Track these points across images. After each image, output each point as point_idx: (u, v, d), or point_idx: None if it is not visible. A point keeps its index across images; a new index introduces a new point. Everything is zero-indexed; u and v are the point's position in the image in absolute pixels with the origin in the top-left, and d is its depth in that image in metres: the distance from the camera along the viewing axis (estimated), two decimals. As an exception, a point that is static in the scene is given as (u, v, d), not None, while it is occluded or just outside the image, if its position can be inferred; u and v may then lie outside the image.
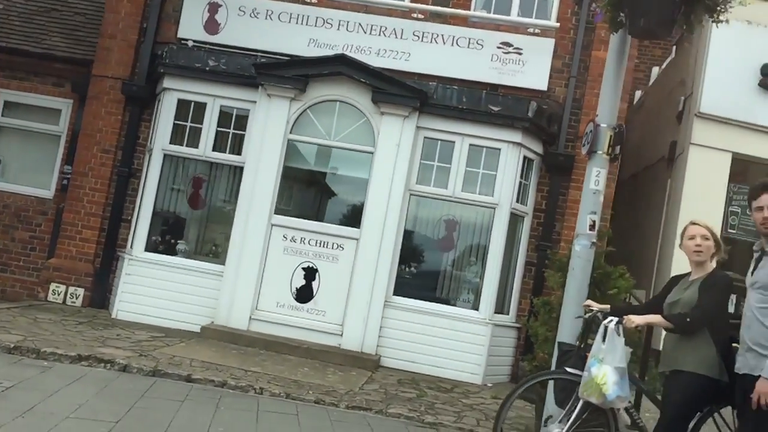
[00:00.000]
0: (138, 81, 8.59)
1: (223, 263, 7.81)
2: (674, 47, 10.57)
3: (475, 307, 7.73)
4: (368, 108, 7.78)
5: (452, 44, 8.35)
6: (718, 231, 8.74)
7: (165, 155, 8.16)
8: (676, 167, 8.92)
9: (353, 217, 7.90)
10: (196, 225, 8.42)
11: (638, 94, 12.92)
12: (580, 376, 3.83)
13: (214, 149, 8.07)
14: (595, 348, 3.77)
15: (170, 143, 8.13)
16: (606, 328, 3.76)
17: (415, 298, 7.76)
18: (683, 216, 8.44)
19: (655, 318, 3.79)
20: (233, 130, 8.08)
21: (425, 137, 7.86)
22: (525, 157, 7.93)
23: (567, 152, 8.13)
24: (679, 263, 8.40)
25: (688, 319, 3.70)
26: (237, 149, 8.04)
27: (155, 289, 7.81)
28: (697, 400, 3.65)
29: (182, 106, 8.16)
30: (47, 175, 9.07)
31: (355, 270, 7.62)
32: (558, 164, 8.12)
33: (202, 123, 8.07)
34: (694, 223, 3.97)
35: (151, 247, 8.10)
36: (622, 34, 5.26)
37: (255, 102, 7.91)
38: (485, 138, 7.79)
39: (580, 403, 3.80)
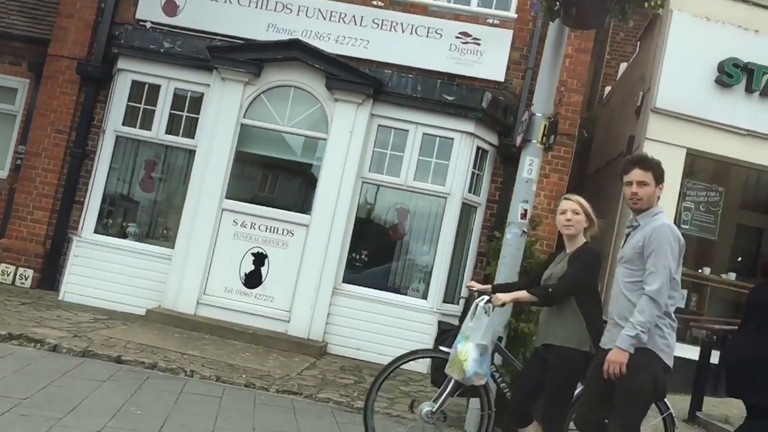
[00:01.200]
0: (94, 61, 8.49)
1: (173, 247, 7.76)
2: (638, 43, 10.59)
3: (424, 296, 7.73)
4: (322, 94, 7.74)
5: (411, 33, 8.31)
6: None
7: (117, 137, 8.09)
8: (632, 162, 8.93)
9: (304, 203, 7.87)
10: (147, 208, 8.37)
11: (608, 90, 12.96)
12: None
13: (167, 132, 8.01)
14: (464, 326, 3.79)
15: (123, 125, 8.06)
16: (477, 306, 3.78)
17: (365, 285, 7.76)
18: (637, 211, 8.49)
19: (520, 294, 3.82)
20: (187, 113, 8.02)
21: (379, 125, 7.84)
22: (479, 148, 7.93)
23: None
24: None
25: (550, 290, 3.74)
26: (190, 132, 7.99)
27: (103, 271, 7.74)
28: (571, 373, 3.62)
29: (136, 87, 8.09)
30: (1, 154, 8.98)
31: (305, 256, 7.60)
32: (512, 155, 8.04)
33: (155, 105, 8.01)
34: (567, 198, 3.99)
35: (101, 230, 8.04)
36: (559, 24, 5.25)
37: (209, 85, 7.86)
38: (438, 127, 7.77)
39: (452, 381, 3.81)
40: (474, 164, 7.89)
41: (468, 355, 3.60)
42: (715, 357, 7.30)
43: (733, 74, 8.35)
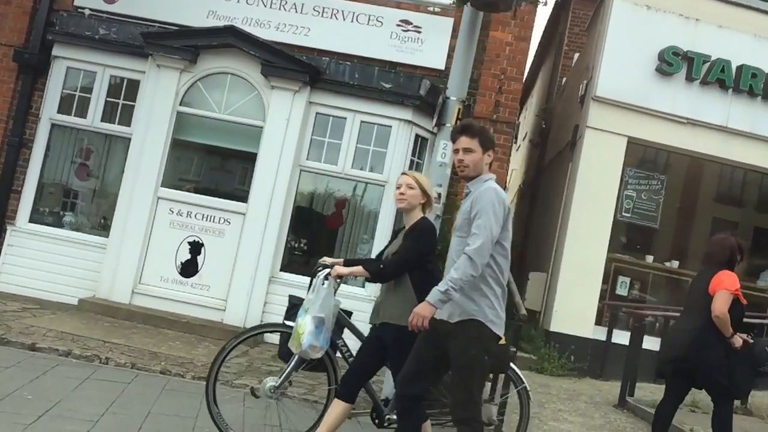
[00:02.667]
0: (32, 49, 8.35)
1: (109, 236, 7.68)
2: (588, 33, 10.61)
3: (363, 285, 7.70)
4: (259, 81, 7.69)
5: (352, 20, 8.27)
6: (611, 214, 8.82)
7: (53, 125, 8.01)
8: (576, 151, 8.97)
9: (241, 191, 7.81)
10: (84, 197, 8.28)
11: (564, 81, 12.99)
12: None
13: (103, 120, 7.94)
14: (306, 299, 3.77)
15: (58, 113, 7.97)
16: (318, 279, 3.78)
17: (304, 274, 7.70)
18: (578, 199, 8.53)
19: (356, 269, 3.79)
20: (123, 100, 7.94)
21: (317, 113, 7.80)
22: (417, 135, 7.90)
23: (462, 132, 8.09)
24: (572, 246, 8.49)
25: (381, 266, 3.73)
26: (127, 120, 7.91)
27: (37, 261, 7.67)
28: (407, 351, 3.51)
29: (72, 75, 8.01)
30: (-61, 143, 8.83)
31: (241, 245, 7.55)
32: (452, 144, 8.08)
33: (91, 93, 7.92)
34: (404, 173, 3.95)
35: (36, 219, 7.96)
36: (472, 9, 5.23)
37: (145, 72, 7.77)
38: (376, 115, 7.74)
39: (295, 355, 3.78)
40: (413, 152, 7.87)
41: (305, 327, 3.58)
42: (648, 342, 7.35)
43: (673, 63, 8.40)
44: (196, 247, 7.63)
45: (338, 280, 3.81)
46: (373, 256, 7.47)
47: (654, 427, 5.14)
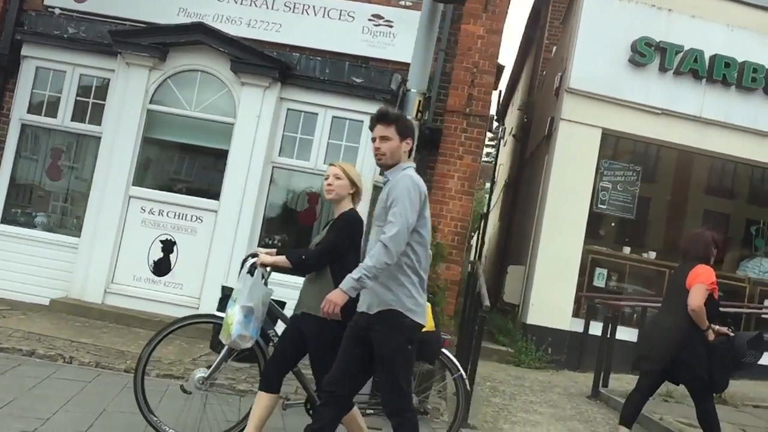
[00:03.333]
0: (1, 49, 8.31)
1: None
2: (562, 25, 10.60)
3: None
4: (229, 78, 7.66)
5: (323, 16, 8.24)
6: (586, 205, 8.81)
7: (23, 125, 7.97)
8: (551, 143, 8.96)
9: (213, 189, 7.77)
10: (56, 197, 8.24)
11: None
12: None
13: (73, 119, 7.90)
14: (235, 289, 3.76)
15: (28, 113, 7.93)
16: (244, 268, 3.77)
17: (276, 271, 7.67)
18: (554, 192, 8.52)
19: (280, 258, 3.78)
20: (93, 99, 7.90)
21: (288, 109, 7.77)
22: (389, 130, 7.86)
23: (435, 126, 8.09)
24: (548, 238, 8.49)
25: (303, 257, 3.70)
26: (97, 119, 7.87)
27: (9, 261, 7.62)
28: (327, 343, 3.49)
29: (41, 74, 7.96)
30: None
31: (214, 242, 7.52)
32: (425, 138, 8.05)
33: (61, 92, 7.88)
34: (332, 164, 3.90)
35: (8, 219, 7.91)
36: (431, 1, 5.21)
37: (114, 71, 7.73)
38: (348, 110, 7.72)
39: (225, 346, 3.77)
40: (385, 147, 7.83)
41: (234, 317, 3.56)
42: (624, 333, 7.35)
43: (646, 53, 8.40)
44: (168, 246, 7.60)
45: (267, 269, 3.80)
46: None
47: (622, 415, 5.14)
